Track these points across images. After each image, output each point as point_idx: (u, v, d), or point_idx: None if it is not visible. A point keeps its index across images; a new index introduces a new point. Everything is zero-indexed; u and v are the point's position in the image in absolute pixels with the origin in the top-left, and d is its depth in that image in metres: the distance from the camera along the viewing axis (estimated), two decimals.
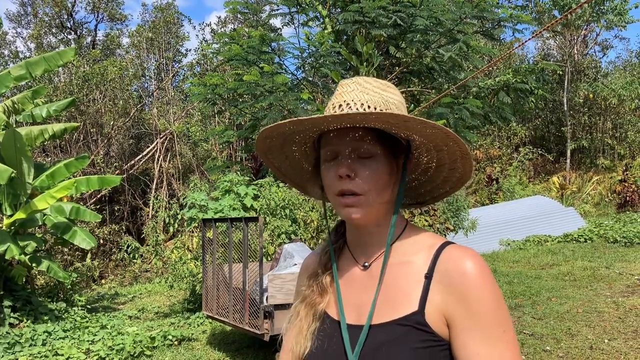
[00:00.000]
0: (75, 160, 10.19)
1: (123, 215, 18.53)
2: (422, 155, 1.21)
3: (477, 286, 1.04)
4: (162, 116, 20.37)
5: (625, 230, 12.56)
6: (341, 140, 1.12)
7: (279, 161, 1.28)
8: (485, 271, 1.06)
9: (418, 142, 1.16)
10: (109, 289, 13.42)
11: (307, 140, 1.21)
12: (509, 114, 12.46)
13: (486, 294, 1.04)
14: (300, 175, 1.32)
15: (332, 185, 1.13)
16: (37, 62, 9.94)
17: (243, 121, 13.31)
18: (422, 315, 1.06)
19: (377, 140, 1.11)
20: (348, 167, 1.09)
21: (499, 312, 1.04)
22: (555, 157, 24.04)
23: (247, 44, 10.91)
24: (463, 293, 1.04)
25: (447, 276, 1.06)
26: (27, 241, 8.80)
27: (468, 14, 10.42)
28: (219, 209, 9.06)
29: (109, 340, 7.26)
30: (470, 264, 1.05)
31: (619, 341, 5.88)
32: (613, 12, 21.34)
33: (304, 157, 1.27)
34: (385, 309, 1.10)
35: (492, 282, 1.06)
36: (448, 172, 1.23)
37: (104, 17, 24.54)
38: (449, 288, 1.06)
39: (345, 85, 1.16)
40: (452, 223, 9.57)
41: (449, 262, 1.08)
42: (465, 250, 1.09)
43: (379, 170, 1.11)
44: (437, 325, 1.05)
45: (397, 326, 1.07)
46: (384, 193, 1.13)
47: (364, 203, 1.11)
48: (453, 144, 1.13)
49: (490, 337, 1.02)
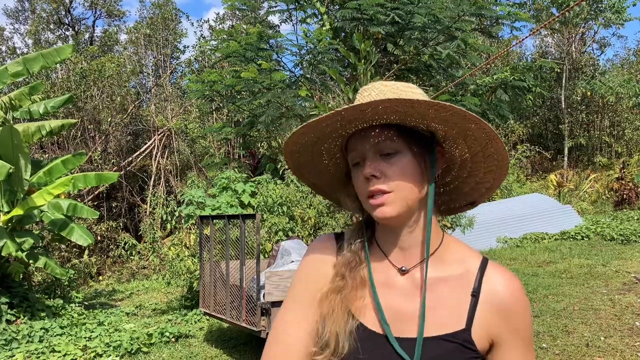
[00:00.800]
0: (73, 157, 10.17)
1: (120, 212, 18.51)
2: (452, 148, 1.16)
3: (524, 308, 1.12)
4: (159, 113, 20.34)
5: (622, 228, 12.59)
6: (363, 142, 1.09)
7: (315, 177, 1.25)
8: (526, 295, 1.15)
9: (442, 132, 1.12)
10: (106, 286, 13.41)
11: (335, 150, 1.18)
12: (507, 111, 12.47)
13: (527, 313, 1.13)
14: (335, 187, 1.26)
15: (361, 189, 1.10)
16: (34, 58, 9.91)
17: (241, 118, 13.32)
18: (469, 333, 1.07)
19: (399, 135, 1.08)
20: (372, 167, 1.07)
21: (532, 327, 1.17)
22: (552, 154, 24.07)
23: (245, 40, 10.90)
24: (511, 315, 1.10)
25: (496, 297, 1.10)
26: (24, 238, 8.79)
27: (466, 11, 10.42)
28: (217, 206, 9.06)
29: (106, 337, 7.26)
30: (517, 287, 1.13)
31: (615, 338, 5.90)
32: (611, 10, 21.37)
33: (338, 170, 1.23)
34: (429, 322, 1.08)
35: (529, 304, 1.15)
36: (485, 160, 1.16)
37: (102, 14, 24.48)
38: (498, 309, 1.10)
39: (363, 91, 1.14)
40: (449, 220, 9.58)
41: (496, 282, 1.12)
42: (508, 272, 1.15)
43: (405, 166, 1.08)
44: (481, 342, 1.09)
45: (445, 342, 1.06)
46: (415, 189, 1.09)
47: (395, 199, 1.07)
48: (475, 127, 1.08)
49: (527, 349, 1.13)
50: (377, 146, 1.08)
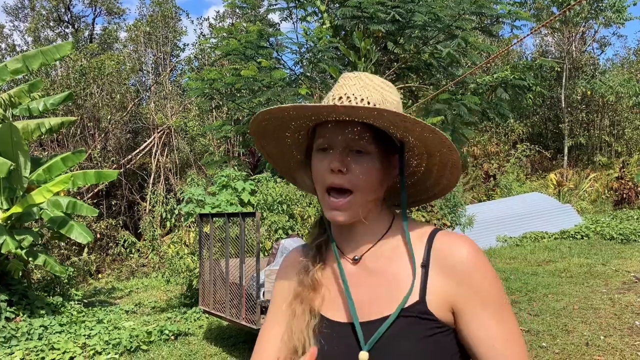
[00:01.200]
0: (72, 155, 10.16)
1: (120, 209, 18.51)
2: (412, 159, 1.21)
3: (477, 269, 1.07)
4: (159, 111, 20.32)
5: (621, 227, 12.60)
6: (337, 133, 1.11)
7: (271, 146, 1.26)
8: (481, 253, 1.09)
9: (412, 145, 1.16)
10: (105, 284, 13.41)
11: (302, 128, 1.20)
12: (507, 110, 12.44)
13: (487, 274, 1.08)
14: (289, 163, 1.30)
15: (321, 177, 1.12)
16: (34, 55, 9.89)
17: (241, 116, 13.30)
18: (424, 304, 1.06)
19: (373, 138, 1.10)
20: (341, 162, 1.09)
21: (498, 289, 1.09)
22: (552, 154, 24.07)
23: (245, 38, 10.88)
24: (465, 277, 1.06)
25: (446, 263, 1.08)
26: (23, 235, 8.78)
27: (467, 10, 10.39)
28: (216, 204, 9.05)
29: (105, 335, 7.26)
30: (467, 248, 1.08)
31: (614, 337, 5.89)
32: (611, 9, 21.35)
33: (296, 145, 1.25)
34: (384, 302, 1.10)
35: (487, 262, 1.09)
36: (434, 179, 1.23)
37: (102, 11, 24.46)
38: (451, 275, 1.07)
39: (347, 79, 1.15)
40: (449, 219, 9.58)
41: (444, 248, 1.09)
42: (457, 236, 1.12)
43: (371, 168, 1.10)
44: (441, 312, 1.07)
45: (401, 318, 1.06)
46: (373, 191, 1.13)
47: (352, 204, 1.11)
48: (447, 151, 1.13)
49: (498, 313, 1.07)
50: (350, 142, 1.10)
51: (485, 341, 1.05)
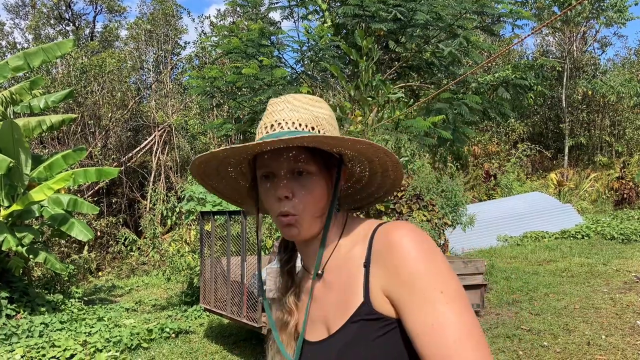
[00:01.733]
0: (73, 152, 10.15)
1: (120, 207, 18.51)
2: (355, 166, 1.23)
3: (404, 255, 1.00)
4: (160, 109, 20.32)
5: (622, 227, 12.60)
6: (276, 160, 1.12)
7: (216, 182, 1.28)
8: (412, 237, 1.01)
9: (350, 156, 1.18)
10: (106, 281, 13.41)
11: (242, 161, 1.22)
12: (508, 110, 12.43)
13: (412, 258, 0.99)
14: (238, 192, 1.32)
15: (271, 205, 1.14)
16: (35, 53, 9.89)
17: (242, 114, 13.27)
18: (369, 305, 1.03)
19: (311, 157, 1.12)
20: (285, 188, 1.11)
21: (430, 273, 0.98)
22: (553, 153, 24.07)
23: (246, 37, 10.86)
24: (394, 266, 1.00)
25: (379, 255, 1.04)
26: (24, 233, 8.78)
27: (468, 9, 10.38)
28: (217, 202, 9.05)
29: (106, 332, 7.26)
30: (397, 235, 1.02)
31: (616, 337, 5.89)
32: (613, 9, 21.33)
33: (241, 176, 1.27)
34: (340, 312, 1.09)
35: (419, 246, 1.00)
36: (381, 179, 1.24)
37: (103, 9, 24.44)
38: (382, 265, 1.03)
39: (274, 104, 1.18)
40: (450, 218, 9.57)
41: (379, 241, 1.06)
42: (392, 225, 1.06)
43: (314, 188, 1.12)
44: (384, 308, 1.02)
45: (351, 324, 1.05)
46: (320, 207, 1.14)
47: (303, 221, 1.12)
48: (384, 156, 1.15)
49: (428, 300, 0.97)
50: (290, 166, 1.12)
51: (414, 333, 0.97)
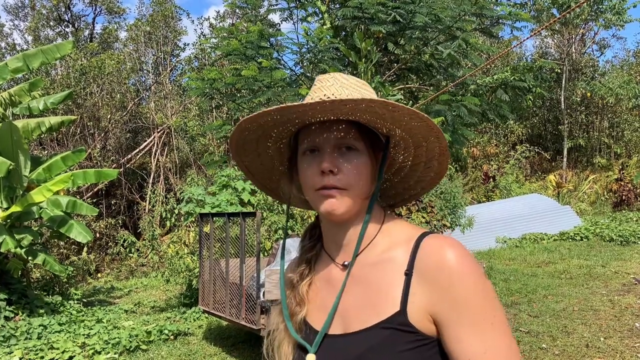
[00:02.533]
0: (72, 154, 10.15)
1: (119, 209, 18.50)
2: (399, 154, 1.18)
3: (459, 278, 0.98)
4: (159, 110, 20.32)
5: (621, 229, 12.60)
6: (323, 133, 1.08)
7: (250, 159, 1.22)
8: (467, 260, 1.00)
9: (398, 138, 1.14)
10: (105, 283, 13.40)
11: (284, 136, 1.17)
12: (507, 111, 12.45)
13: (473, 286, 0.99)
14: (270, 176, 1.27)
15: (312, 181, 1.09)
16: (34, 54, 9.89)
17: (241, 116, 13.29)
18: (404, 316, 1.01)
19: (359, 134, 1.09)
20: (331, 162, 1.06)
21: (485, 303, 0.99)
22: (552, 155, 24.09)
23: (246, 38, 10.88)
24: (445, 287, 0.99)
25: (428, 271, 1.01)
26: (23, 234, 8.78)
27: (467, 11, 10.40)
28: (216, 203, 9.05)
29: (104, 334, 7.25)
30: (451, 254, 1.00)
31: (614, 339, 5.90)
32: (611, 11, 21.35)
33: (277, 156, 1.22)
34: (368, 312, 1.05)
35: (474, 271, 1.00)
36: (422, 171, 1.20)
37: (102, 10, 24.44)
38: (431, 283, 1.00)
39: (323, 80, 1.13)
40: (449, 220, 9.58)
41: (428, 255, 1.03)
42: (443, 240, 1.04)
43: (361, 165, 1.08)
44: (422, 323, 1.01)
45: (381, 330, 1.02)
46: (364, 189, 1.10)
47: (346, 197, 1.07)
48: (434, 139, 1.11)
49: (481, 330, 0.97)
50: (337, 141, 1.08)
51: (462, 357, 0.98)
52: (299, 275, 1.19)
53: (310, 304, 1.16)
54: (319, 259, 1.21)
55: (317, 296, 1.17)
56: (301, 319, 1.15)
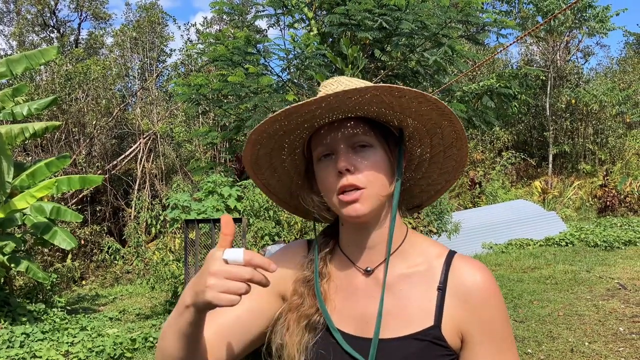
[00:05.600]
0: (57, 160, 10.05)
1: (105, 215, 18.35)
2: (415, 147, 1.17)
3: (491, 302, 1.06)
4: (145, 116, 20.21)
5: (605, 235, 12.72)
6: (334, 134, 1.07)
7: (267, 175, 1.20)
8: (496, 284, 1.09)
9: (411, 129, 1.12)
10: (89, 290, 13.27)
11: (297, 145, 1.15)
12: (493, 118, 12.54)
13: (498, 309, 1.07)
14: (289, 190, 1.24)
15: (331, 184, 1.07)
16: (18, 59, 9.79)
17: (227, 122, 13.27)
18: (439, 330, 1.04)
19: (371, 130, 1.07)
20: (347, 161, 1.04)
21: (507, 324, 1.08)
22: (537, 161, 24.28)
23: (233, 44, 10.87)
24: (477, 307, 1.05)
25: (463, 289, 1.06)
26: (5, 241, 8.66)
27: (453, 18, 10.48)
28: (202, 210, 9.00)
29: (88, 342, 7.17)
30: (485, 277, 1.08)
31: (599, 344, 5.93)
32: (595, 19, 21.63)
33: (293, 168, 1.20)
34: (397, 321, 1.06)
35: (499, 294, 1.08)
36: (443, 161, 1.17)
37: (88, 16, 24.32)
38: (465, 301, 1.06)
39: (327, 85, 1.12)
40: (435, 226, 9.61)
41: (462, 274, 1.08)
42: (476, 262, 1.11)
43: (377, 160, 1.06)
44: (452, 338, 1.05)
45: (415, 341, 1.04)
46: (386, 185, 1.08)
47: (368, 197, 1.05)
48: (447, 124, 1.08)
49: (500, 350, 1.05)
50: (350, 139, 1.06)
51: None
52: (318, 273, 1.15)
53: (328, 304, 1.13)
54: (334, 259, 1.18)
55: (334, 297, 1.14)
56: (317, 319, 1.11)
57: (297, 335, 1.10)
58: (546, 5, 20.67)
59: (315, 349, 1.09)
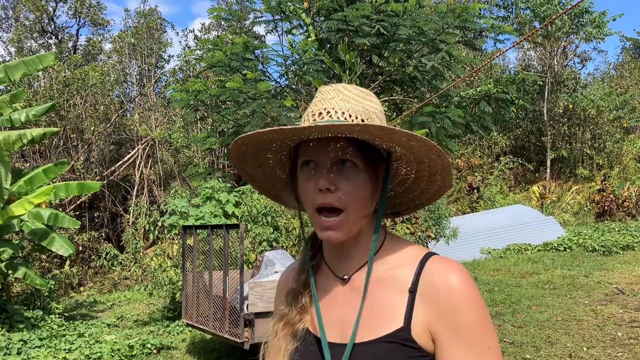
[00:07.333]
0: (55, 166, 10.05)
1: (103, 222, 18.32)
2: (401, 167, 1.17)
3: (462, 301, 1.02)
4: (143, 122, 20.22)
5: (603, 239, 12.71)
6: (321, 150, 1.06)
7: (252, 168, 1.22)
8: (470, 285, 1.04)
9: (399, 154, 1.12)
10: (87, 297, 13.24)
11: (284, 149, 1.16)
12: (490, 123, 12.58)
13: (471, 309, 1.02)
14: (273, 183, 1.26)
15: (310, 198, 1.08)
16: (16, 66, 9.81)
17: (225, 128, 13.28)
18: (408, 331, 1.03)
19: (359, 151, 1.06)
20: (328, 180, 1.04)
21: (483, 328, 1.03)
22: (535, 166, 24.31)
23: (231, 50, 10.90)
24: (448, 308, 1.02)
25: (432, 290, 1.04)
26: (3, 247, 8.65)
27: (450, 24, 10.52)
28: (200, 215, 8.99)
29: (86, 349, 7.14)
30: (456, 277, 1.03)
31: (597, 349, 5.93)
32: (592, 25, 21.72)
33: (279, 165, 1.21)
34: (370, 325, 1.07)
35: (476, 296, 1.04)
36: (426, 184, 1.19)
37: (86, 22, 24.34)
38: (434, 302, 1.03)
39: (325, 92, 1.11)
40: (433, 231, 9.61)
41: (433, 275, 1.05)
42: (449, 263, 1.07)
43: (359, 183, 1.06)
44: (423, 340, 1.03)
45: (384, 344, 1.03)
46: (364, 207, 1.08)
47: (344, 222, 1.06)
48: (435, 157, 1.10)
49: (472, 354, 1.01)
50: (335, 158, 1.06)
51: None
52: (301, 284, 1.19)
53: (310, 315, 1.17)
54: (319, 269, 1.20)
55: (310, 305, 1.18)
56: (302, 327, 1.15)
57: (282, 342, 1.15)
58: (543, 10, 20.75)
59: (297, 356, 1.13)
